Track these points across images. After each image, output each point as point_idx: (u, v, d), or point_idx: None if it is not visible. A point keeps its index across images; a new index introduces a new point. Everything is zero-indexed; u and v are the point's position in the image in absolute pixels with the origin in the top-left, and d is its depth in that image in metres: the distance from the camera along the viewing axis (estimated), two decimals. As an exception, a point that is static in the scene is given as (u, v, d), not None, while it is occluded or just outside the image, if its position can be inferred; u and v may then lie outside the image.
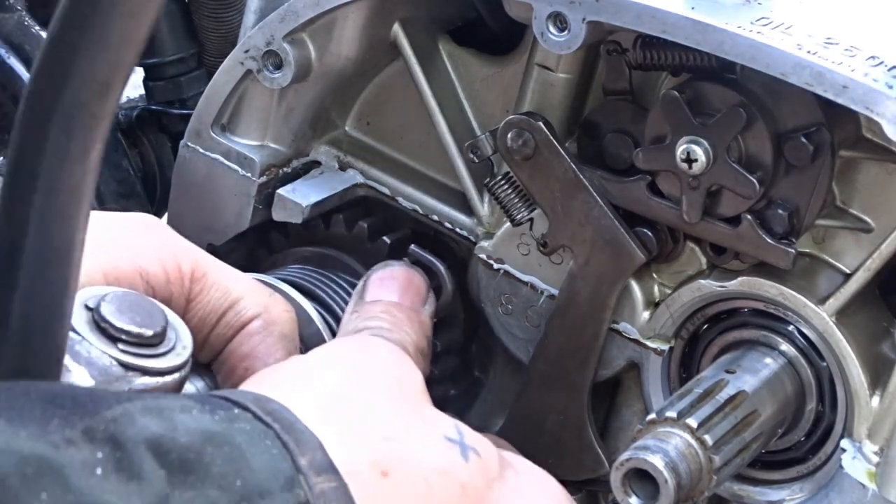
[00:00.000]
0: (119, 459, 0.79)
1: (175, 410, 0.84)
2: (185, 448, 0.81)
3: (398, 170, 1.30)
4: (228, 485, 0.82)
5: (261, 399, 0.89)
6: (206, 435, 0.83)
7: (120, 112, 1.54)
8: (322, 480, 0.86)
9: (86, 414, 0.81)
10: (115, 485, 0.77)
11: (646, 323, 1.18)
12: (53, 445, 0.77)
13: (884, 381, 1.09)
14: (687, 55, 1.09)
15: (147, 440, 0.80)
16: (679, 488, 1.02)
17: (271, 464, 0.85)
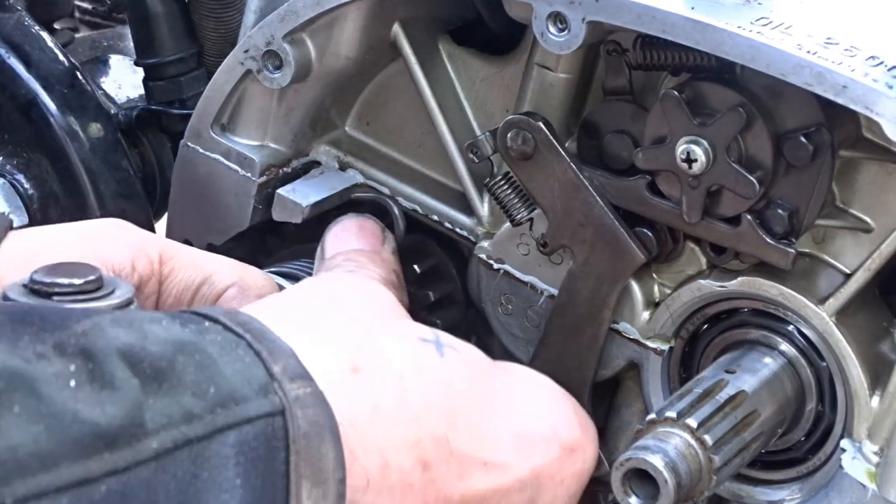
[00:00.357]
0: (91, 370, 0.78)
1: (144, 321, 0.84)
2: (156, 357, 0.81)
3: (398, 170, 1.30)
4: (202, 392, 0.81)
5: (231, 312, 0.88)
6: (177, 344, 0.82)
7: (120, 112, 1.53)
8: (297, 386, 0.85)
9: (55, 329, 0.80)
10: (89, 394, 0.77)
11: (646, 323, 1.18)
12: (25, 360, 0.77)
13: (884, 381, 1.09)
14: (687, 55, 1.09)
15: (118, 350, 0.80)
16: (679, 488, 1.02)
17: (244, 371, 0.84)
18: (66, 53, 1.51)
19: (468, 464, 0.99)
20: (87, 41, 1.73)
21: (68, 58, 1.50)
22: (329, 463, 0.86)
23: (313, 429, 0.85)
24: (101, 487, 0.75)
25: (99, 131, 1.47)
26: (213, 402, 0.81)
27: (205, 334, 0.85)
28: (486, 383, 1.03)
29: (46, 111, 1.45)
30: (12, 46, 1.48)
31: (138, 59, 1.54)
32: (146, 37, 1.52)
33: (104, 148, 1.47)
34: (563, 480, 1.07)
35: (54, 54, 1.49)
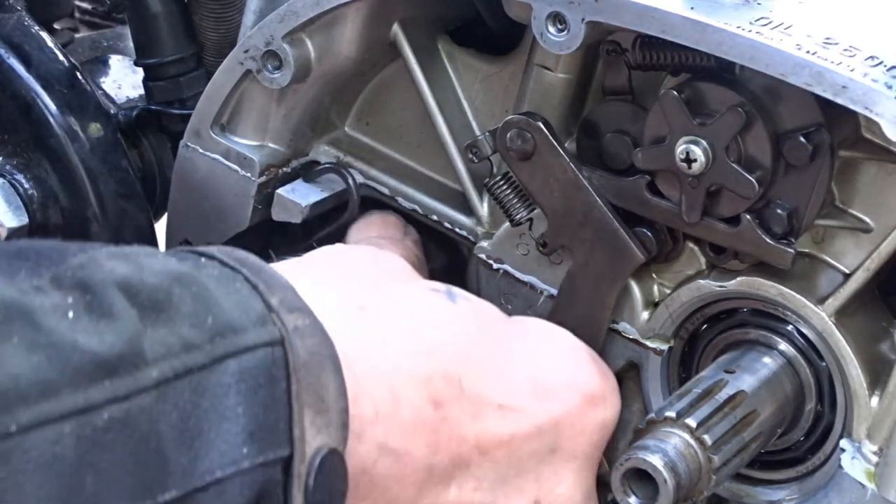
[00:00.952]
0: (89, 302, 0.78)
1: (140, 255, 0.83)
2: (153, 288, 0.81)
3: (397, 170, 1.30)
4: (200, 322, 0.81)
5: (226, 249, 0.88)
6: (173, 276, 0.82)
7: (119, 112, 1.53)
8: (295, 318, 0.85)
9: (52, 263, 0.80)
10: (88, 325, 0.77)
11: (645, 323, 1.18)
12: (22, 292, 0.77)
13: (883, 381, 1.09)
14: (686, 55, 1.09)
15: (115, 282, 0.80)
16: (678, 488, 1.02)
17: (242, 302, 0.84)
18: (66, 53, 1.51)
19: (482, 405, 0.98)
20: (87, 41, 1.72)
21: (68, 58, 1.50)
22: (331, 392, 0.85)
23: (313, 358, 0.85)
24: (103, 415, 0.75)
25: (99, 131, 1.47)
26: (212, 331, 0.81)
27: (201, 268, 0.85)
28: (500, 330, 1.02)
29: (46, 111, 1.45)
30: (12, 46, 1.47)
31: (138, 59, 1.54)
32: (146, 37, 1.52)
33: (104, 148, 1.47)
34: (585, 429, 1.06)
35: (54, 54, 1.49)
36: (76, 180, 1.46)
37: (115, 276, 0.80)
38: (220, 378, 0.81)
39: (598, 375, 1.08)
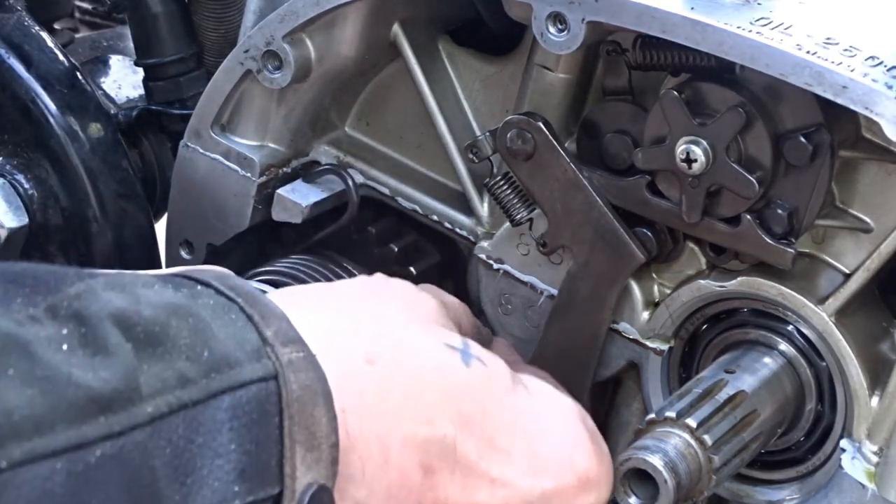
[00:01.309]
0: (84, 335, 0.78)
1: (137, 286, 0.83)
2: (149, 321, 0.80)
3: (398, 170, 1.30)
4: (196, 356, 0.80)
5: (223, 276, 0.88)
6: (170, 308, 0.82)
7: (120, 112, 1.53)
8: (289, 350, 0.84)
9: (48, 292, 0.79)
10: (83, 359, 0.76)
11: (645, 323, 1.18)
12: (17, 323, 0.76)
13: (883, 381, 1.09)
14: (686, 55, 1.09)
15: (111, 314, 0.79)
16: (678, 488, 1.02)
17: (237, 335, 0.83)
18: (66, 53, 1.51)
19: (475, 477, 0.96)
20: (87, 41, 1.72)
21: (68, 58, 1.50)
22: (322, 427, 0.85)
23: (306, 393, 0.84)
24: (96, 451, 0.75)
25: (99, 131, 1.47)
26: (208, 366, 0.81)
27: (197, 298, 0.84)
28: (508, 399, 0.99)
29: (46, 111, 1.45)
30: (12, 46, 1.47)
31: (138, 59, 1.54)
32: (146, 37, 1.52)
33: (104, 148, 1.47)
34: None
35: (54, 54, 1.49)
36: (76, 180, 1.46)
37: (110, 308, 0.80)
38: (214, 413, 0.80)
39: (595, 458, 1.04)
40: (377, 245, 1.30)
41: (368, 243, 1.30)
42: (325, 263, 1.29)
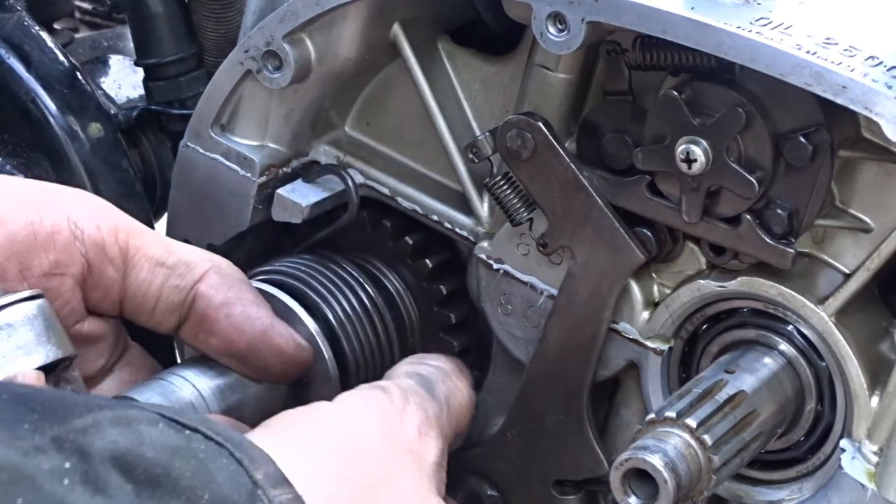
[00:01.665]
0: (86, 472, 0.80)
1: (142, 423, 0.85)
2: (152, 463, 0.83)
3: (398, 170, 1.30)
4: (196, 498, 0.83)
5: (207, 421, 0.90)
6: (173, 449, 0.84)
7: (120, 112, 1.53)
8: (280, 493, 0.87)
9: (55, 421, 0.82)
10: (82, 496, 0.78)
11: (645, 323, 1.18)
12: (23, 453, 0.78)
13: (883, 381, 1.09)
14: (686, 55, 1.09)
15: (114, 456, 0.82)
16: (678, 488, 1.02)
17: (232, 478, 0.86)
18: (66, 53, 1.51)
19: None
20: (87, 41, 1.73)
21: (68, 58, 1.50)
22: None
23: None
24: None
25: (99, 131, 1.47)
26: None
27: (191, 440, 0.87)
28: None
29: (46, 111, 1.45)
30: (12, 46, 1.48)
31: (138, 59, 1.54)
32: (146, 37, 1.52)
33: (104, 148, 1.47)
34: None
35: (54, 54, 1.49)
36: (76, 180, 1.46)
37: (113, 449, 0.82)
38: None
39: None
40: (392, 239, 1.30)
41: (384, 237, 1.30)
42: (326, 263, 1.29)
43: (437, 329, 1.30)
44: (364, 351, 1.26)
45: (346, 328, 1.25)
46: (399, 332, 1.29)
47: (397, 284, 1.31)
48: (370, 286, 1.29)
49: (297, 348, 1.18)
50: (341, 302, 1.26)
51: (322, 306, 1.25)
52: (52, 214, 1.09)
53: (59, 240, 1.09)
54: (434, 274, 1.30)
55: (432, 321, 1.30)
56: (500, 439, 1.24)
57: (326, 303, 1.25)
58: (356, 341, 1.26)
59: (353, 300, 1.27)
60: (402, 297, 1.30)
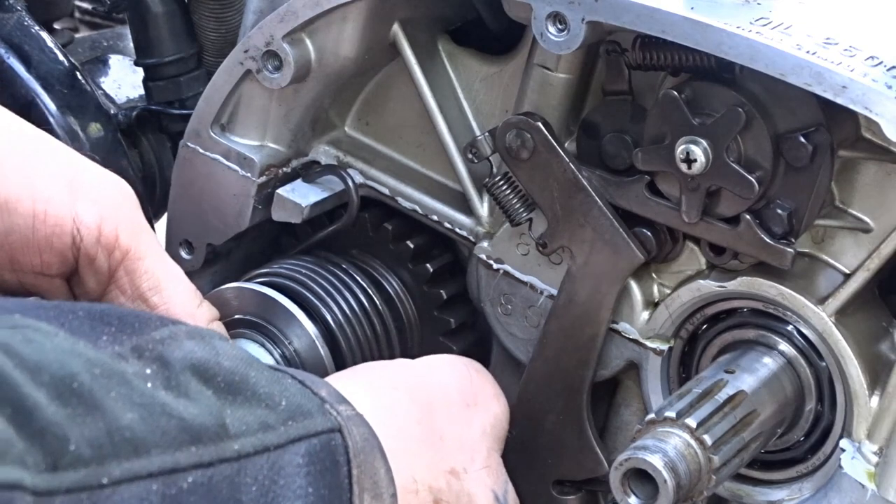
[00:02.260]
0: (168, 378, 0.83)
1: (216, 338, 0.89)
2: (229, 371, 0.87)
3: (397, 170, 1.30)
4: (275, 404, 0.87)
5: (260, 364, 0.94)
6: (247, 360, 0.89)
7: (119, 112, 1.53)
8: (345, 408, 0.92)
9: (133, 333, 0.85)
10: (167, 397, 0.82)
11: (645, 323, 1.18)
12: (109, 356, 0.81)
13: (883, 381, 1.09)
14: (686, 55, 1.09)
15: (193, 364, 0.85)
16: (678, 488, 1.02)
17: (302, 391, 0.91)
18: (66, 53, 1.51)
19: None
20: (87, 41, 1.72)
21: (68, 58, 1.50)
22: (382, 477, 0.93)
23: (367, 445, 0.92)
24: (188, 478, 0.80)
25: (99, 131, 1.47)
26: (286, 414, 0.88)
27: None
28: None
29: (46, 111, 1.45)
30: (12, 46, 1.47)
31: (138, 59, 1.54)
32: (146, 37, 1.52)
33: (104, 148, 1.47)
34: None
35: (54, 54, 1.49)
36: (76, 180, 1.45)
37: (192, 358, 0.86)
38: (292, 458, 0.87)
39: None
40: (393, 242, 1.30)
41: (385, 241, 1.30)
42: (325, 265, 1.29)
43: (436, 333, 1.30)
44: (363, 355, 1.26)
45: (345, 331, 1.25)
46: (399, 335, 1.29)
47: (397, 287, 1.31)
48: (370, 288, 1.29)
49: None
50: (341, 305, 1.26)
51: (321, 309, 1.25)
52: (60, 210, 1.07)
53: (57, 244, 1.08)
54: (434, 278, 1.30)
55: (432, 325, 1.30)
56: None
57: (325, 305, 1.25)
58: (356, 344, 1.26)
59: (352, 303, 1.27)
60: (401, 300, 1.30)
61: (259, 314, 1.24)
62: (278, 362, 1.22)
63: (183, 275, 1.16)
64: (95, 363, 0.79)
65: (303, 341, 1.22)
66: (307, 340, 1.22)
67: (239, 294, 1.25)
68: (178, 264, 1.27)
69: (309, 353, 1.22)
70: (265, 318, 1.23)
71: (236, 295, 1.25)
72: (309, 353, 1.22)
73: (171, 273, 1.14)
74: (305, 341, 1.22)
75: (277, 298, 1.23)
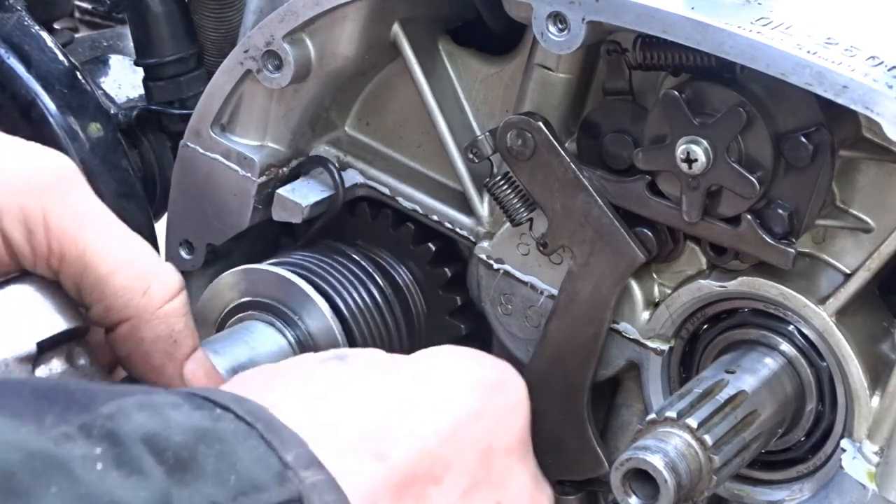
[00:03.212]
0: (118, 455, 0.79)
1: (167, 407, 0.84)
2: (179, 446, 0.82)
3: (398, 169, 1.30)
4: (223, 481, 0.82)
5: (240, 399, 0.89)
6: (198, 433, 0.83)
7: (119, 112, 1.53)
8: (311, 474, 0.85)
9: (81, 410, 0.81)
10: (118, 479, 0.77)
11: (646, 323, 1.18)
12: (53, 441, 0.77)
13: (883, 381, 1.09)
14: (687, 55, 1.09)
15: (143, 437, 0.80)
16: (679, 488, 1.02)
17: (261, 460, 0.85)
18: (65, 53, 1.51)
19: None
20: (86, 41, 1.72)
21: (68, 58, 1.50)
22: None
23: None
24: None
25: (98, 131, 1.47)
26: (235, 490, 0.82)
27: (218, 421, 0.86)
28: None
29: (46, 111, 1.45)
30: (12, 46, 1.47)
31: (138, 59, 1.54)
32: (146, 37, 1.52)
33: (104, 148, 1.47)
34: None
35: (54, 54, 1.49)
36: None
37: (142, 430, 0.81)
38: None
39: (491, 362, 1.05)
40: (394, 227, 1.30)
41: (385, 226, 1.30)
42: (334, 254, 1.29)
43: (443, 313, 1.30)
44: (375, 342, 1.26)
45: (357, 318, 1.25)
46: (407, 325, 1.30)
47: (405, 278, 1.31)
48: (380, 278, 1.29)
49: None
50: (353, 292, 1.26)
51: (334, 296, 1.25)
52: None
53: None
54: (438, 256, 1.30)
55: (439, 306, 1.30)
56: None
57: (338, 293, 1.25)
58: (367, 332, 1.26)
59: (364, 292, 1.27)
60: (410, 290, 1.31)
61: (272, 295, 1.23)
62: (291, 344, 1.22)
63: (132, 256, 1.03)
64: (37, 455, 0.76)
65: (317, 323, 1.22)
66: (322, 322, 1.22)
67: (249, 276, 1.25)
68: (178, 264, 1.27)
69: (323, 335, 1.22)
70: (278, 300, 1.23)
71: (246, 277, 1.25)
72: (323, 336, 1.22)
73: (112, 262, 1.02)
74: (320, 323, 1.22)
75: (293, 279, 1.23)
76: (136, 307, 1.03)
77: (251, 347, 1.20)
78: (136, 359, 1.05)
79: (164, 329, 1.05)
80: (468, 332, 1.31)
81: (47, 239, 1.00)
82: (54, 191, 1.01)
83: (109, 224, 1.03)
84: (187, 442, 0.82)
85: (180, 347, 1.06)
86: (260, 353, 1.20)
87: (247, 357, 1.18)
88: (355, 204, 1.31)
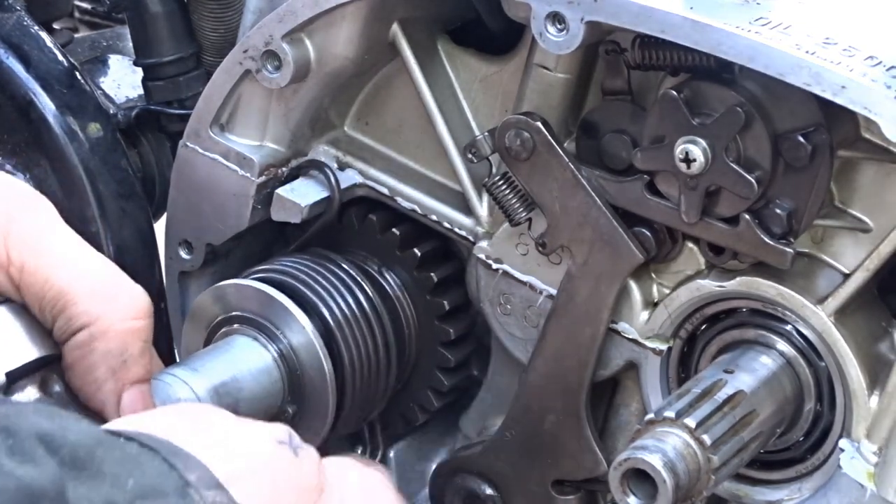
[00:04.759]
0: (11, 446, 0.77)
1: (65, 417, 0.83)
2: (75, 445, 0.80)
3: (397, 169, 1.30)
4: (121, 484, 0.80)
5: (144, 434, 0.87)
6: (96, 438, 0.82)
7: (119, 112, 1.53)
8: (213, 494, 0.84)
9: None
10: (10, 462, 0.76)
11: (644, 323, 1.18)
12: None
13: (882, 380, 1.09)
14: (685, 55, 1.09)
15: (38, 434, 0.79)
16: (677, 488, 1.02)
17: (162, 473, 0.83)
18: (65, 53, 1.51)
19: None
20: (86, 41, 1.72)
21: (67, 58, 1.50)
22: None
23: None
24: None
25: (98, 131, 1.47)
26: (134, 493, 0.80)
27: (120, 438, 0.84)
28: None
29: (45, 111, 1.45)
30: (11, 46, 1.47)
31: (137, 59, 1.54)
32: (145, 37, 1.52)
33: (103, 148, 1.47)
34: None
35: (53, 54, 1.49)
36: (76, 180, 1.45)
37: (38, 428, 0.79)
38: None
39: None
40: (380, 232, 1.30)
41: (372, 231, 1.30)
42: (321, 262, 1.29)
43: (432, 319, 1.30)
44: (360, 351, 1.26)
45: (342, 328, 1.25)
46: (396, 331, 1.30)
47: (392, 283, 1.31)
48: (367, 285, 1.29)
49: None
50: (338, 302, 1.26)
51: (319, 306, 1.25)
52: None
53: None
54: (424, 261, 1.30)
55: (427, 311, 1.30)
56: (500, 439, 1.24)
57: (323, 302, 1.25)
58: (352, 341, 1.26)
59: (350, 300, 1.27)
60: (398, 296, 1.31)
61: (255, 310, 1.23)
62: (275, 358, 1.22)
63: (98, 267, 1.03)
64: None
65: (299, 337, 1.22)
66: (303, 337, 1.22)
67: (234, 290, 1.25)
68: (178, 264, 1.27)
69: (305, 349, 1.22)
70: (261, 315, 1.23)
71: (232, 291, 1.25)
72: (305, 350, 1.22)
73: (71, 273, 1.02)
74: (301, 337, 1.22)
75: (273, 294, 1.22)
76: (98, 313, 1.02)
77: (233, 365, 1.20)
78: (80, 368, 1.03)
79: (116, 345, 1.03)
80: (457, 337, 1.31)
81: (6, 248, 0.99)
82: (19, 205, 1.01)
83: (73, 241, 1.03)
84: (84, 442, 0.80)
85: (127, 371, 1.04)
86: (242, 370, 1.19)
87: (229, 375, 1.18)
88: (343, 210, 1.31)
